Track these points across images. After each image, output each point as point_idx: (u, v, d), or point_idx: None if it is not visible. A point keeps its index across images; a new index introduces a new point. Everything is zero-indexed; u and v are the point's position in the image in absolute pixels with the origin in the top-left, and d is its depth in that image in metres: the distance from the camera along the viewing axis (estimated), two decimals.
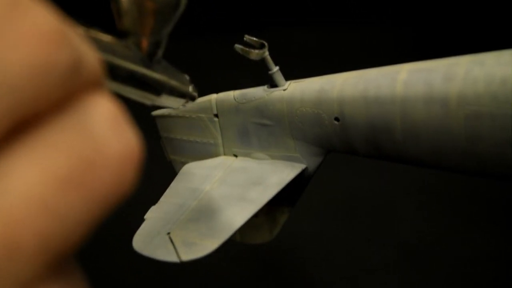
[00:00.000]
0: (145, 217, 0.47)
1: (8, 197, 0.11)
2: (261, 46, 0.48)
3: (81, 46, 0.13)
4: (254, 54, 0.47)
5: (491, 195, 1.09)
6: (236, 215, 0.45)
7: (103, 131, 0.13)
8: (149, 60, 0.23)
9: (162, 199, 0.50)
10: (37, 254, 0.11)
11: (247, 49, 0.47)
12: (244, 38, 0.47)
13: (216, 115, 0.53)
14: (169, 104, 0.26)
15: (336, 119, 0.46)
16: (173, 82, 0.25)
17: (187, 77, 0.27)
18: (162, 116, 0.56)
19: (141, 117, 0.62)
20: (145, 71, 0.23)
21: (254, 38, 0.47)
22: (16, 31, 0.11)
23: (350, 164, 0.96)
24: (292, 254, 1.04)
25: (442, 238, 1.05)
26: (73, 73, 0.12)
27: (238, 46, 0.47)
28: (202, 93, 0.55)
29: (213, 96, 0.53)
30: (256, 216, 0.50)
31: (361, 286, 0.98)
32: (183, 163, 0.56)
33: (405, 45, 1.62)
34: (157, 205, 0.49)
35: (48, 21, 0.12)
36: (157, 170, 0.62)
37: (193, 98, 0.28)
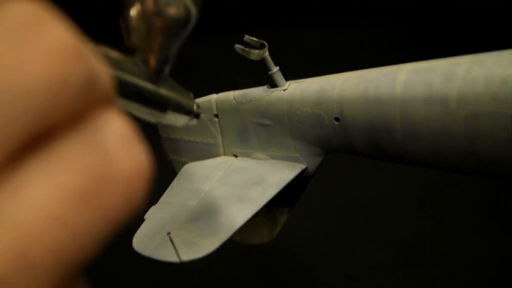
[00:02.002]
0: (145, 217, 0.47)
1: (23, 211, 0.11)
2: (261, 46, 0.47)
3: (95, 63, 0.13)
4: (254, 54, 0.47)
5: (491, 195, 1.09)
6: (236, 215, 0.45)
7: (115, 148, 0.13)
8: (156, 77, 0.23)
9: (162, 199, 0.50)
10: (50, 268, 0.11)
11: (247, 49, 0.47)
12: (244, 38, 0.47)
13: (216, 115, 0.53)
14: (174, 122, 0.26)
15: (336, 119, 0.46)
16: (179, 100, 0.25)
17: (192, 95, 0.27)
18: None
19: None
20: (152, 87, 0.23)
21: (254, 38, 0.47)
22: (36, 46, 0.11)
23: (350, 164, 0.96)
24: (292, 254, 1.04)
25: (442, 238, 1.05)
26: (88, 88, 0.12)
27: (238, 46, 0.47)
28: (202, 93, 0.55)
29: (213, 96, 0.53)
30: (256, 216, 0.50)
31: (361, 286, 0.98)
32: (183, 163, 0.56)
33: (406, 44, 1.62)
34: (157, 205, 0.49)
35: (67, 37, 0.12)
36: (157, 170, 0.62)
37: (197, 116, 0.28)
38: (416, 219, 1.10)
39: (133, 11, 0.21)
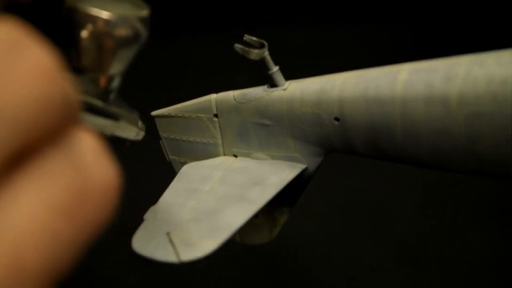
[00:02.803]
0: (144, 217, 0.47)
1: (14, 225, 0.12)
2: (261, 46, 0.47)
3: (68, 83, 0.14)
4: (254, 54, 0.47)
5: (491, 195, 1.09)
6: (236, 215, 0.45)
7: (90, 164, 0.14)
8: (105, 95, 0.24)
9: (161, 199, 0.49)
10: (40, 276, 0.13)
11: (247, 48, 0.47)
12: (244, 38, 0.47)
13: (216, 115, 0.53)
14: (122, 134, 0.28)
15: (336, 119, 0.46)
16: (126, 116, 0.27)
17: (138, 114, 0.29)
18: (162, 116, 0.56)
19: (141, 117, 0.61)
20: (101, 105, 0.24)
21: (254, 38, 0.47)
22: (18, 67, 0.12)
23: (350, 164, 0.96)
24: (292, 254, 1.04)
25: (442, 238, 1.05)
26: (65, 107, 0.13)
27: (238, 46, 0.47)
28: (202, 93, 0.55)
29: (213, 96, 0.53)
30: (256, 216, 0.49)
31: (361, 286, 0.98)
32: (183, 163, 0.56)
33: (406, 44, 1.62)
34: (157, 205, 0.49)
35: (46, 59, 0.13)
36: (157, 170, 0.62)
37: (141, 135, 0.29)
38: (417, 219, 1.10)
39: (83, 32, 0.22)
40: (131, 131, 0.28)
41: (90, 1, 0.22)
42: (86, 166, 0.14)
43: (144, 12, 0.23)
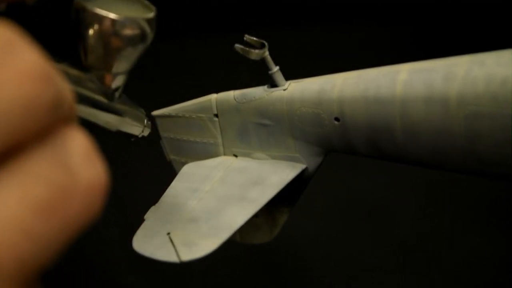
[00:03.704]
0: (145, 217, 0.47)
1: None
2: (261, 46, 0.48)
3: (61, 83, 0.14)
4: (254, 54, 0.47)
5: (491, 195, 1.09)
6: (236, 215, 0.45)
7: (77, 163, 0.15)
8: (111, 93, 0.25)
9: (162, 199, 0.50)
10: (16, 273, 0.13)
11: (247, 49, 0.47)
12: (244, 38, 0.47)
13: (216, 115, 0.53)
14: (128, 130, 0.29)
15: (336, 119, 0.46)
16: (131, 114, 0.28)
17: (143, 112, 0.30)
18: (162, 116, 0.56)
19: (147, 115, 0.61)
20: (107, 103, 0.25)
21: (254, 38, 0.47)
22: (9, 69, 0.12)
23: (350, 164, 0.96)
24: (292, 254, 1.04)
25: (442, 238, 1.05)
26: (55, 108, 0.14)
27: (238, 46, 0.47)
28: (202, 93, 0.55)
29: (213, 96, 0.54)
30: (256, 216, 0.50)
31: (361, 286, 0.98)
32: (183, 163, 0.56)
33: (406, 44, 1.62)
34: (157, 205, 0.49)
35: (37, 60, 0.13)
36: (157, 170, 0.62)
37: (147, 129, 0.31)
38: (418, 219, 1.10)
39: (91, 31, 0.23)
40: (136, 128, 0.29)
41: (99, 1, 0.22)
42: (73, 165, 0.14)
43: (151, 14, 0.24)
